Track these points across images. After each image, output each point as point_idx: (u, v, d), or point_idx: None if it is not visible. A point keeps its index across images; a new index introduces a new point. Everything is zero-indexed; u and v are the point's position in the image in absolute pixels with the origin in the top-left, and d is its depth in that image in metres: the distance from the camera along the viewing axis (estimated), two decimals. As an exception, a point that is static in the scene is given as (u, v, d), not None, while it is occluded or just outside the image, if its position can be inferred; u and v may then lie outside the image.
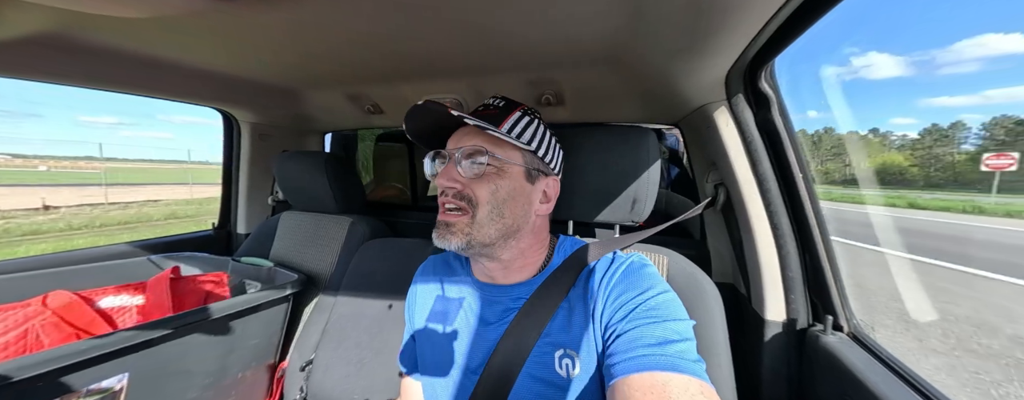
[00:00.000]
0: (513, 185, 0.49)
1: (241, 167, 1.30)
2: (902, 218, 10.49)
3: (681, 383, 0.36)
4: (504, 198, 0.49)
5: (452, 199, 0.49)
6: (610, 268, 0.50)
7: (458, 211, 0.49)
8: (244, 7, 0.52)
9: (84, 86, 0.83)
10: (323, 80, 0.96)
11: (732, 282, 0.88)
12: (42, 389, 0.53)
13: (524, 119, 0.52)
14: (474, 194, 0.48)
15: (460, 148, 0.49)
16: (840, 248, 0.65)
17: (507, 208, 0.49)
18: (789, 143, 0.65)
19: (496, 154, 0.48)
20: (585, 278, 0.51)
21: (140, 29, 0.62)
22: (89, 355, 0.57)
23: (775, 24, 0.47)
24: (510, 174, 0.49)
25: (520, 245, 0.52)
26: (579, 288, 0.50)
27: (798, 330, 0.68)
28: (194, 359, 0.73)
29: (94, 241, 5.64)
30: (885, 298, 3.46)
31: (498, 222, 0.49)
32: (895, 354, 0.56)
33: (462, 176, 0.49)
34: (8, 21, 0.57)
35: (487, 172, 0.48)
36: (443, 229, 0.49)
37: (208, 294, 0.88)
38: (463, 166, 0.49)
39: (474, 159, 0.49)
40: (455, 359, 0.53)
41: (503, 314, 0.52)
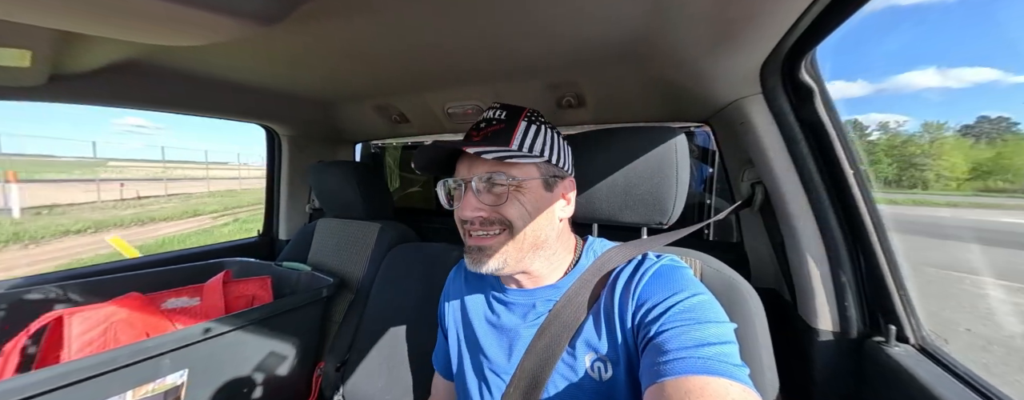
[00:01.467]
0: (535, 198, 0.49)
1: (282, 177, 1.39)
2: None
3: (720, 387, 0.34)
4: (531, 213, 0.49)
5: (480, 227, 0.49)
6: (641, 270, 0.49)
7: (490, 233, 0.49)
8: (283, 31, 0.56)
9: (145, 108, 0.93)
10: (354, 93, 1.01)
11: (774, 287, 0.82)
12: (118, 381, 0.60)
13: (531, 128, 0.51)
14: (503, 217, 0.48)
15: (475, 176, 0.48)
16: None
17: (535, 222, 0.49)
18: (837, 137, 0.60)
19: (513, 174, 0.48)
20: (615, 281, 0.50)
21: (197, 55, 0.69)
22: (155, 352, 0.63)
23: (818, 7, 0.44)
24: (530, 188, 0.49)
25: (548, 252, 0.52)
26: (610, 291, 0.49)
27: (853, 340, 0.62)
28: (243, 357, 0.79)
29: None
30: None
31: (530, 237, 0.49)
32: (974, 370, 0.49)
33: (484, 203, 0.48)
34: (93, 53, 0.65)
35: (508, 192, 0.48)
36: (476, 254, 0.49)
37: (254, 296, 0.94)
38: (482, 193, 0.48)
39: (492, 183, 0.48)
40: (486, 361, 0.53)
41: (533, 317, 0.52)
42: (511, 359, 0.51)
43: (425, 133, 1.27)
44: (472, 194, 0.48)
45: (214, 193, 12.83)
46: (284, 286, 1.02)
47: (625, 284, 0.48)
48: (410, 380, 0.80)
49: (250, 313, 0.77)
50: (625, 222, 0.67)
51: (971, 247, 5.76)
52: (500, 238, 0.48)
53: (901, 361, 0.53)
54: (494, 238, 0.48)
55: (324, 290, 0.92)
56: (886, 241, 0.59)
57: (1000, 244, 6.59)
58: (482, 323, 0.56)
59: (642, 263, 0.50)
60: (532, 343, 0.49)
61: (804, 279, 0.66)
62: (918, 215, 11.83)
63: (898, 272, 0.59)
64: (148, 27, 0.48)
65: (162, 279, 0.95)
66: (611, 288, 0.49)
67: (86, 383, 0.56)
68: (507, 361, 0.51)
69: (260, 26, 0.50)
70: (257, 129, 1.35)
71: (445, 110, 1.03)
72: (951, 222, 9.42)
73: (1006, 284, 4.15)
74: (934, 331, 0.58)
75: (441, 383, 0.67)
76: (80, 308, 0.70)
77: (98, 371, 0.56)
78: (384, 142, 1.77)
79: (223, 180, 17.23)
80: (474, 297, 0.59)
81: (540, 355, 0.47)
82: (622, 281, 0.49)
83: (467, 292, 0.61)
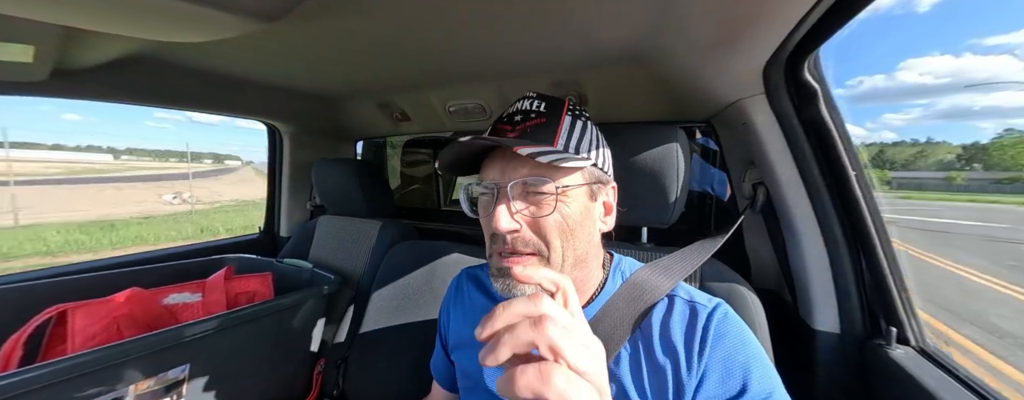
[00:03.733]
0: (579, 208, 0.41)
1: (284, 175, 1.39)
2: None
3: None
4: (573, 227, 0.40)
5: (514, 248, 0.40)
6: (695, 323, 0.41)
7: (522, 256, 0.41)
8: (286, 27, 0.56)
9: (146, 104, 0.93)
10: (355, 90, 1.01)
11: (775, 288, 0.82)
12: (121, 375, 0.60)
13: (577, 124, 0.43)
14: (542, 232, 0.40)
15: (513, 180, 0.39)
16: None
17: (577, 237, 0.41)
18: (839, 139, 0.59)
19: (558, 179, 0.39)
20: (654, 320, 0.43)
21: (199, 51, 0.69)
22: (158, 347, 0.63)
23: (822, 8, 0.43)
24: (574, 198, 0.41)
25: (583, 272, 0.45)
26: (648, 331, 0.43)
27: (854, 342, 0.62)
28: (244, 353, 0.79)
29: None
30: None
31: (570, 257, 0.41)
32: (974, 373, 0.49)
33: (519, 215, 0.40)
34: (95, 49, 0.65)
35: (553, 205, 0.39)
36: (508, 278, 0.39)
37: (255, 293, 0.95)
38: (517, 198, 0.40)
39: (532, 190, 0.40)
40: (491, 387, 0.47)
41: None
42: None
43: (426, 131, 1.27)
44: (507, 202, 0.39)
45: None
46: (285, 283, 1.02)
47: (685, 340, 0.41)
48: (411, 377, 0.80)
49: (251, 309, 0.77)
50: (625, 223, 0.67)
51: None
52: (533, 259, 0.40)
53: (902, 363, 0.53)
54: (525, 258, 0.40)
55: (325, 287, 0.92)
56: (887, 243, 0.59)
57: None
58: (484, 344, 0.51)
59: (694, 313, 0.42)
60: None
61: (805, 280, 0.66)
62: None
63: (899, 274, 0.58)
64: (150, 23, 0.48)
65: (163, 275, 0.95)
66: (653, 327, 0.42)
67: (89, 376, 0.56)
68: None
69: (262, 23, 0.50)
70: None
71: (446, 108, 1.03)
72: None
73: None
74: (934, 334, 0.58)
75: (439, 391, 0.64)
76: (83, 303, 0.70)
77: (101, 365, 0.57)
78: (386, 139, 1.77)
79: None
80: (479, 314, 0.52)
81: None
82: (675, 327, 0.42)
83: (471, 310, 0.55)
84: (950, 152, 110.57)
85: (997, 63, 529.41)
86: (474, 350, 0.51)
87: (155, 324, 0.77)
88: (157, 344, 0.63)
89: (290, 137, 1.35)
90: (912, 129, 27.65)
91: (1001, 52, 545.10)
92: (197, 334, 0.68)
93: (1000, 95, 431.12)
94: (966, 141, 44.33)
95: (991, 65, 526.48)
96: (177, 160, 20.50)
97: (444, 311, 0.61)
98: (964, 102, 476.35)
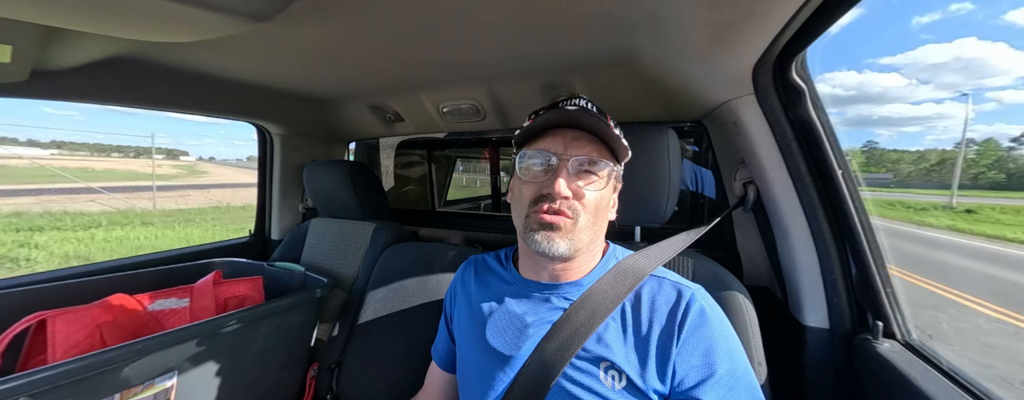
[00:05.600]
0: (608, 194, 0.50)
1: (274, 177, 1.37)
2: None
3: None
4: (603, 208, 0.50)
5: (560, 210, 0.46)
6: (684, 304, 0.47)
7: (562, 216, 0.47)
8: (275, 28, 0.56)
9: (132, 106, 0.91)
10: (347, 92, 1.00)
11: (766, 285, 0.84)
12: (105, 384, 0.58)
13: (611, 122, 0.51)
14: (583, 202, 0.47)
15: (575, 155, 0.47)
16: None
17: (600, 218, 0.50)
18: (826, 138, 0.61)
19: (609, 163, 0.48)
20: (653, 301, 0.49)
21: (186, 52, 0.68)
22: (143, 354, 0.61)
23: (808, 10, 0.45)
24: (607, 183, 0.49)
25: (595, 249, 0.53)
26: (636, 307, 0.49)
27: (842, 337, 0.63)
28: (235, 359, 0.77)
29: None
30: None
31: (591, 229, 0.49)
32: (957, 364, 0.51)
33: (574, 185, 0.47)
34: (77, 49, 0.63)
35: (604, 183, 0.48)
36: (549, 231, 0.46)
37: (246, 297, 0.93)
38: (572, 176, 0.47)
39: (590, 168, 0.48)
40: (494, 353, 0.52)
41: (549, 311, 0.51)
42: (519, 353, 0.49)
43: (420, 132, 1.27)
44: (566, 172, 0.47)
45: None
46: (277, 287, 1.00)
47: (668, 315, 0.47)
48: (405, 380, 0.79)
49: (242, 314, 0.76)
50: (619, 222, 0.68)
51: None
52: (570, 222, 0.47)
53: (889, 357, 0.54)
54: (567, 219, 0.47)
55: (318, 290, 0.91)
56: (873, 240, 0.60)
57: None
58: (492, 317, 0.55)
59: (679, 297, 0.48)
60: (544, 340, 0.48)
61: (795, 277, 0.67)
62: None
63: (884, 270, 0.60)
64: (134, 23, 0.47)
65: (149, 280, 0.93)
66: (642, 304, 0.49)
67: (71, 386, 0.54)
68: (515, 355, 0.50)
69: (250, 23, 0.50)
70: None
71: (440, 109, 1.03)
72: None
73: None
74: (919, 327, 0.60)
75: (436, 373, 0.67)
76: (64, 310, 0.68)
77: (84, 374, 0.55)
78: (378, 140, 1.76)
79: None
80: (485, 291, 0.58)
81: (552, 351, 0.46)
82: (661, 305, 0.48)
83: (478, 286, 0.60)
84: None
85: (888, 80, 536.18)
86: (481, 317, 0.55)
87: (141, 331, 0.75)
88: (143, 351, 0.61)
89: (281, 139, 1.33)
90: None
91: (891, 70, 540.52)
92: (185, 340, 0.67)
93: (891, 107, 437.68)
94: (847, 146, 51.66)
95: (883, 81, 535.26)
96: (120, 155, 18.44)
97: (451, 291, 0.66)
98: (865, 112, 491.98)
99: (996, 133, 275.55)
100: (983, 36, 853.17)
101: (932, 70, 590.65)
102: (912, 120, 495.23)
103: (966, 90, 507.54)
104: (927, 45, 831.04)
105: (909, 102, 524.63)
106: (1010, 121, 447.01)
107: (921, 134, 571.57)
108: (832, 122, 0.61)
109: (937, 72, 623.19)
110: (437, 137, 1.76)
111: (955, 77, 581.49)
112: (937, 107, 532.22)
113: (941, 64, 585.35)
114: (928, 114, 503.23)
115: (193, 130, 20.89)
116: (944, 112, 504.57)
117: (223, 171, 24.46)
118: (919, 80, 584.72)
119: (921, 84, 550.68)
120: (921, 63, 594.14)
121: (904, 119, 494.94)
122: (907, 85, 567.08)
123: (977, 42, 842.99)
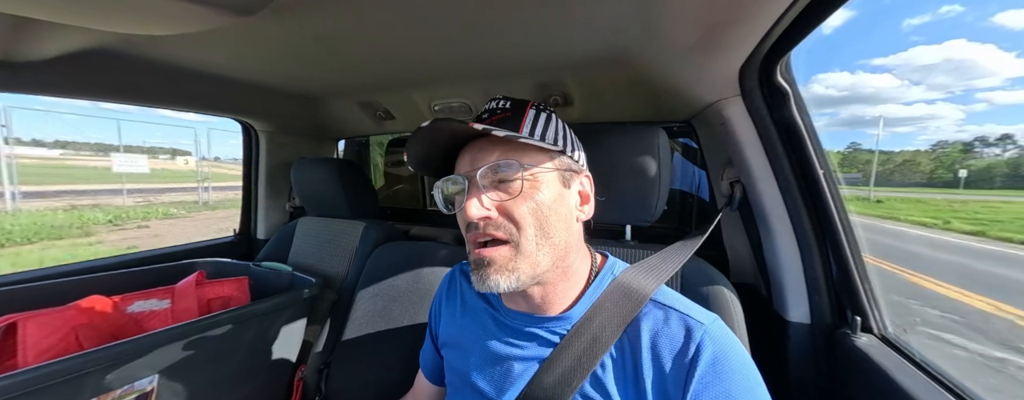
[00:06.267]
0: (552, 195, 0.42)
1: (260, 175, 1.34)
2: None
3: None
4: (547, 214, 0.41)
5: (486, 232, 0.40)
6: (687, 351, 0.39)
7: (496, 243, 0.41)
8: (261, 21, 0.54)
9: (109, 100, 0.88)
10: (337, 89, 0.99)
11: (752, 282, 0.86)
12: (81, 389, 0.56)
13: (541, 116, 0.44)
14: (514, 217, 0.40)
15: (480, 168, 0.40)
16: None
17: (552, 225, 0.41)
18: (809, 139, 0.63)
19: (525, 164, 0.41)
20: (643, 333, 0.41)
21: (167, 45, 0.65)
22: (121, 358, 0.59)
23: (791, 15, 0.46)
24: (546, 183, 0.41)
25: (565, 264, 0.44)
26: (635, 344, 0.41)
27: (823, 331, 0.65)
28: (218, 362, 0.75)
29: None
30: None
31: (546, 245, 0.41)
32: (930, 357, 0.53)
33: (491, 201, 0.40)
34: (50, 41, 0.61)
35: (521, 188, 0.40)
36: (483, 269, 0.40)
37: (230, 298, 0.91)
38: (488, 187, 0.41)
39: (501, 177, 0.41)
40: (479, 393, 0.47)
41: (537, 348, 0.45)
42: (506, 396, 0.44)
43: (411, 130, 1.25)
44: (478, 190, 0.40)
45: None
46: (263, 287, 0.98)
47: (675, 360, 0.39)
48: (396, 381, 0.78)
49: (226, 315, 0.74)
50: (609, 221, 0.69)
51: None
52: (506, 250, 0.40)
53: (865, 350, 0.56)
54: (497, 249, 0.40)
55: (306, 291, 0.89)
56: (852, 238, 0.63)
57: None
58: (476, 343, 0.49)
59: (690, 334, 0.39)
60: (536, 379, 0.42)
61: (779, 274, 0.69)
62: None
63: (863, 267, 0.62)
64: (115, 15, 0.45)
65: (128, 281, 0.90)
66: (642, 342, 0.41)
67: (43, 391, 0.52)
68: (502, 390, 0.45)
69: (235, 17, 0.48)
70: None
71: (432, 107, 1.02)
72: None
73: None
74: (894, 322, 0.62)
75: (424, 383, 0.65)
76: (36, 312, 0.65)
77: (57, 379, 0.53)
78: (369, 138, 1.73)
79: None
80: (470, 312, 0.53)
81: (549, 390, 0.41)
82: (664, 345, 0.40)
83: (462, 307, 0.55)
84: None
85: (880, 80, 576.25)
86: (464, 348, 0.51)
87: (119, 334, 0.72)
88: (120, 355, 0.59)
89: (266, 136, 1.30)
90: (820, 134, 33.24)
91: (883, 71, 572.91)
92: (165, 343, 0.65)
93: (884, 107, 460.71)
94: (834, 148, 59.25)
95: (876, 82, 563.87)
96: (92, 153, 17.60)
97: (435, 305, 0.61)
98: (858, 112, 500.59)
99: (982, 133, 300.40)
100: (973, 38, 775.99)
101: (923, 71, 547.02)
102: (905, 121, 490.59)
103: (957, 91, 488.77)
104: (918, 46, 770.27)
105: (901, 102, 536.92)
106: (999, 121, 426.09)
107: (913, 134, 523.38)
108: (825, 123, 0.63)
109: (928, 73, 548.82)
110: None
111: (946, 78, 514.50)
112: (929, 107, 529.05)
113: (932, 65, 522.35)
114: (920, 114, 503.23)
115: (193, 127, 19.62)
116: (935, 113, 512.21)
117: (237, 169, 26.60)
118: (911, 81, 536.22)
119: (913, 85, 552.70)
120: (912, 64, 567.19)
121: (897, 119, 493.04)
122: (899, 86, 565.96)
123: (966, 44, 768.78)
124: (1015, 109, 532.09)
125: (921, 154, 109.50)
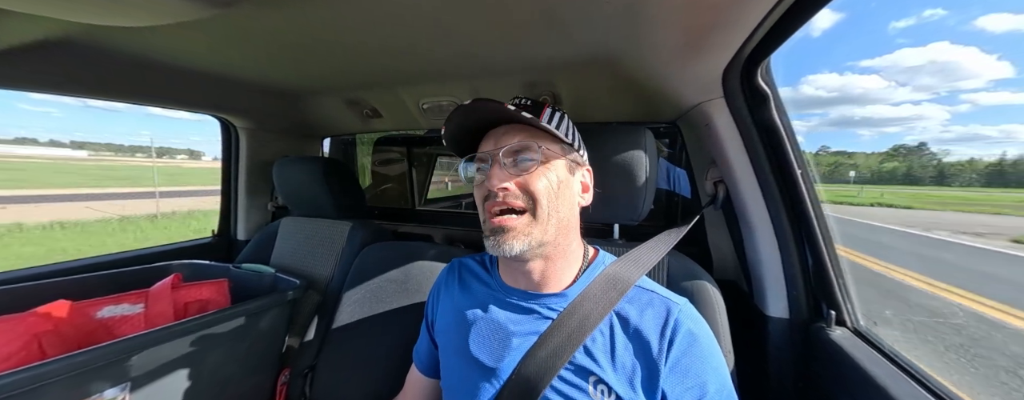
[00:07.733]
0: (561, 176, 0.49)
1: (240, 174, 1.29)
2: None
3: None
4: (557, 191, 0.48)
5: (505, 201, 0.47)
6: (667, 325, 0.46)
7: (514, 213, 0.47)
8: (241, 14, 0.52)
9: (80, 96, 0.83)
10: (321, 86, 0.96)
11: (734, 279, 0.88)
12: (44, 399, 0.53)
13: (556, 115, 0.52)
14: (531, 190, 0.47)
15: (503, 147, 0.48)
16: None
17: (561, 201, 0.48)
18: (787, 140, 0.65)
19: (542, 147, 0.48)
20: (631, 311, 0.48)
21: (140, 37, 0.62)
22: (89, 365, 0.56)
23: (771, 20, 0.47)
24: (557, 167, 0.49)
25: (568, 241, 0.51)
26: (624, 320, 0.48)
27: (800, 326, 0.68)
28: (196, 368, 0.73)
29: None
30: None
31: (555, 217, 0.48)
32: (899, 349, 0.56)
33: (510, 177, 0.47)
34: (8, 31, 0.57)
35: (537, 167, 0.47)
36: (500, 235, 0.46)
37: (209, 301, 0.87)
38: (508, 165, 0.48)
39: (522, 155, 0.48)
40: (478, 364, 0.50)
41: (534, 322, 0.50)
42: (503, 364, 0.48)
43: (399, 129, 1.24)
44: (499, 166, 0.47)
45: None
46: (244, 290, 0.95)
47: (658, 333, 0.46)
48: (383, 384, 0.77)
49: (203, 319, 0.71)
50: (597, 220, 0.69)
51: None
52: (523, 219, 0.47)
53: (840, 343, 0.58)
54: (516, 218, 0.47)
55: (289, 292, 0.87)
56: (828, 235, 0.65)
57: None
58: (475, 325, 0.53)
59: (668, 315, 0.47)
60: (532, 351, 0.47)
61: (759, 271, 0.71)
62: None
63: (837, 263, 0.65)
64: (84, 4, 0.43)
65: (98, 285, 0.85)
66: (630, 318, 0.47)
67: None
68: (499, 366, 0.49)
69: (212, 8, 0.46)
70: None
71: (420, 105, 1.01)
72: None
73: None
74: (866, 315, 0.65)
75: (417, 378, 0.65)
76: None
77: (17, 389, 0.50)
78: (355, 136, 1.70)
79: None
80: (469, 297, 0.57)
81: (540, 363, 0.46)
82: (649, 321, 0.47)
83: (462, 291, 0.58)
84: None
85: (868, 81, 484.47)
86: (463, 324, 0.54)
87: (87, 341, 0.68)
88: (87, 363, 0.56)
89: (247, 133, 1.25)
90: (811, 134, 33.89)
91: (871, 73, 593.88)
92: (138, 350, 0.62)
93: (872, 107, 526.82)
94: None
95: (864, 83, 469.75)
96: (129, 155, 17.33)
97: (433, 295, 0.64)
98: (847, 113, 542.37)
99: (972, 134, 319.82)
100: (955, 40, 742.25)
101: (909, 73, 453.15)
102: (892, 121, 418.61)
103: (942, 92, 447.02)
104: (904, 49, 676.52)
105: (889, 103, 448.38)
106: (984, 122, 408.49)
107: (901, 134, 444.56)
108: (816, 124, 0.66)
109: (914, 75, 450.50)
110: (417, 134, 1.72)
111: (931, 79, 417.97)
112: (915, 108, 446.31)
113: (918, 67, 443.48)
114: (907, 115, 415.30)
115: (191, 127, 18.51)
116: (922, 113, 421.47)
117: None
118: (897, 82, 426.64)
119: (900, 86, 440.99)
120: (899, 66, 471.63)
121: (885, 120, 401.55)
122: (887, 87, 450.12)
123: (950, 46, 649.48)
124: (997, 110, 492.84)
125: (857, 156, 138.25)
